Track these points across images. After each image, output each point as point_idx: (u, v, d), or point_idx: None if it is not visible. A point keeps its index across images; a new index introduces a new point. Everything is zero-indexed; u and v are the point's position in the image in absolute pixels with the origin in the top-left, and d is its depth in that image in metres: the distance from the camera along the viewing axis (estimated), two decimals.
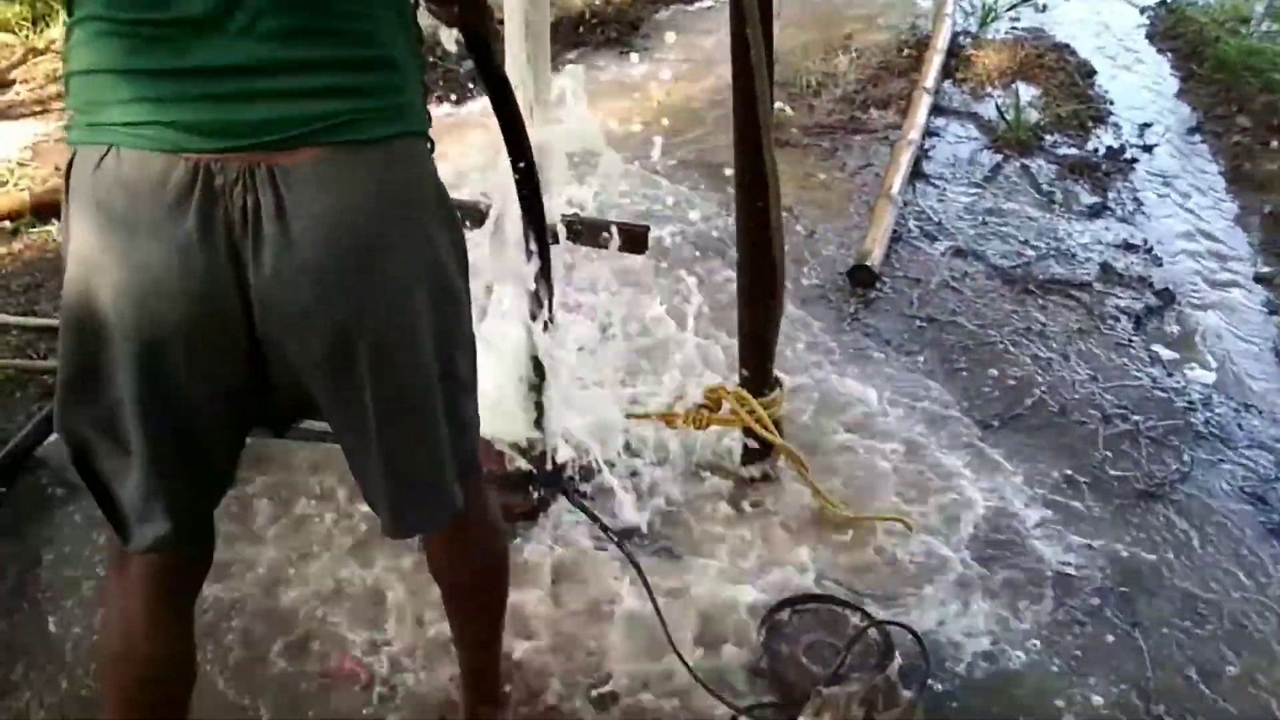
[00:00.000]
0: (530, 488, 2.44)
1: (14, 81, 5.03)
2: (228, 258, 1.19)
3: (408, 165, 1.31)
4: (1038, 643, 2.20)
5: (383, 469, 1.38)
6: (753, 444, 2.57)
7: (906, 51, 5.49)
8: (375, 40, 1.25)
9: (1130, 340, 3.22)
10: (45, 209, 3.81)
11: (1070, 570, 2.38)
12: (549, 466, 2.45)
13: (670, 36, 5.60)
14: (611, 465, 2.50)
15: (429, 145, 1.36)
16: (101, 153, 1.19)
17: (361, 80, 1.25)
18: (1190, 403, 2.95)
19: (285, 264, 1.20)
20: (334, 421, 1.37)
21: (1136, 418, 2.88)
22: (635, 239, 2.39)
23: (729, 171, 2.31)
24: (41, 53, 5.31)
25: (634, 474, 2.58)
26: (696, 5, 6.19)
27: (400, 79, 1.29)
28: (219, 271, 1.19)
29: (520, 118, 1.86)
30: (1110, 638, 2.22)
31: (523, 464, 2.42)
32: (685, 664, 2.05)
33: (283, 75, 1.19)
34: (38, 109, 4.79)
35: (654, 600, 2.17)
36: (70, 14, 1.24)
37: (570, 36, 5.53)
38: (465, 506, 1.49)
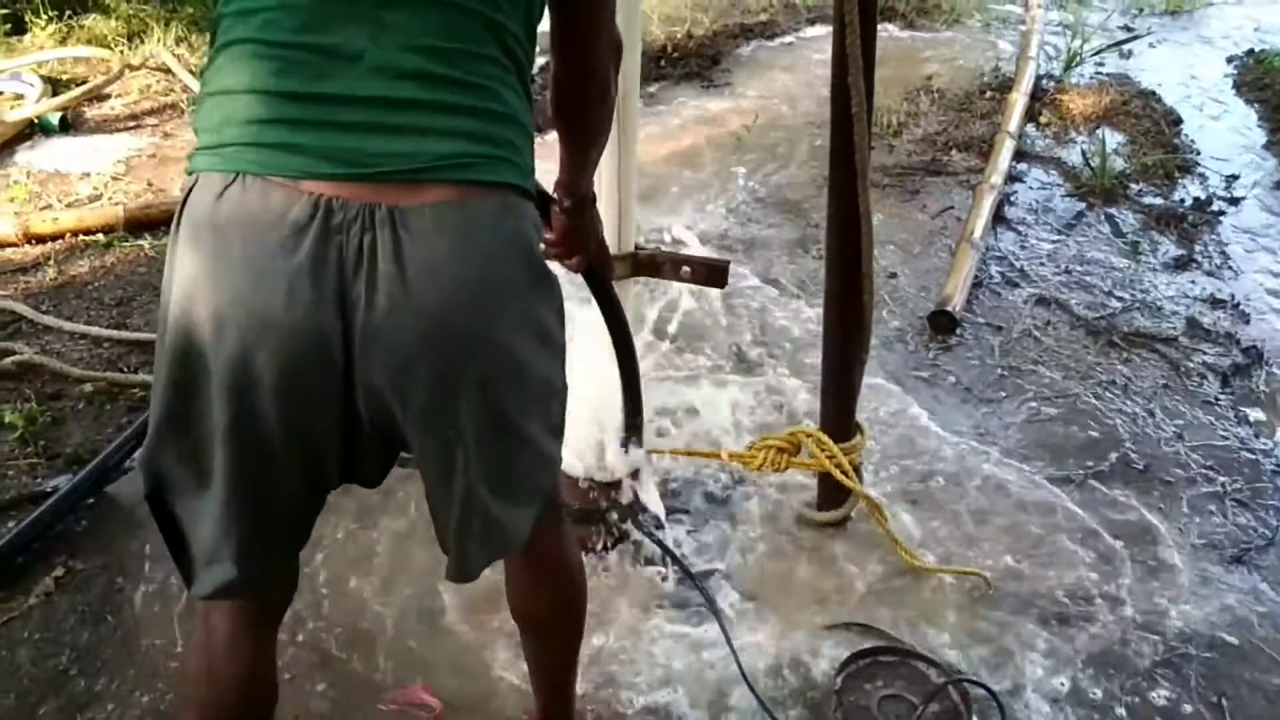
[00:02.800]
0: (607, 523, 2.44)
1: (109, 96, 5.16)
2: (336, 296, 1.19)
3: (519, 216, 1.32)
4: (1120, 709, 2.15)
5: (464, 506, 1.37)
6: (829, 489, 2.55)
7: (989, 93, 5.47)
8: (504, 100, 1.29)
9: (1217, 398, 3.15)
10: (138, 224, 3.91)
11: (1153, 636, 2.32)
12: (626, 502, 2.45)
13: (751, 71, 5.63)
14: (686, 506, 2.50)
15: (534, 207, 1.38)
16: (227, 181, 1.19)
17: (488, 129, 1.27)
18: (1278, 466, 2.88)
19: (399, 306, 1.20)
20: (424, 461, 1.36)
21: (1223, 479, 2.81)
22: (715, 273, 2.39)
23: (809, 209, 2.30)
24: (136, 69, 5.46)
25: (709, 514, 2.57)
26: (778, 41, 6.23)
27: (522, 139, 1.32)
28: (325, 308, 1.19)
29: (628, 329, 1.89)
30: (1189, 708, 2.17)
31: (600, 499, 2.42)
32: (766, 709, 2.04)
33: (415, 112, 1.22)
34: (132, 124, 4.92)
35: (730, 643, 2.16)
36: (214, 40, 1.27)
37: (651, 70, 5.57)
38: (543, 543, 1.49)
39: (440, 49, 1.23)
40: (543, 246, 1.43)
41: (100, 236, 3.85)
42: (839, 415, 2.49)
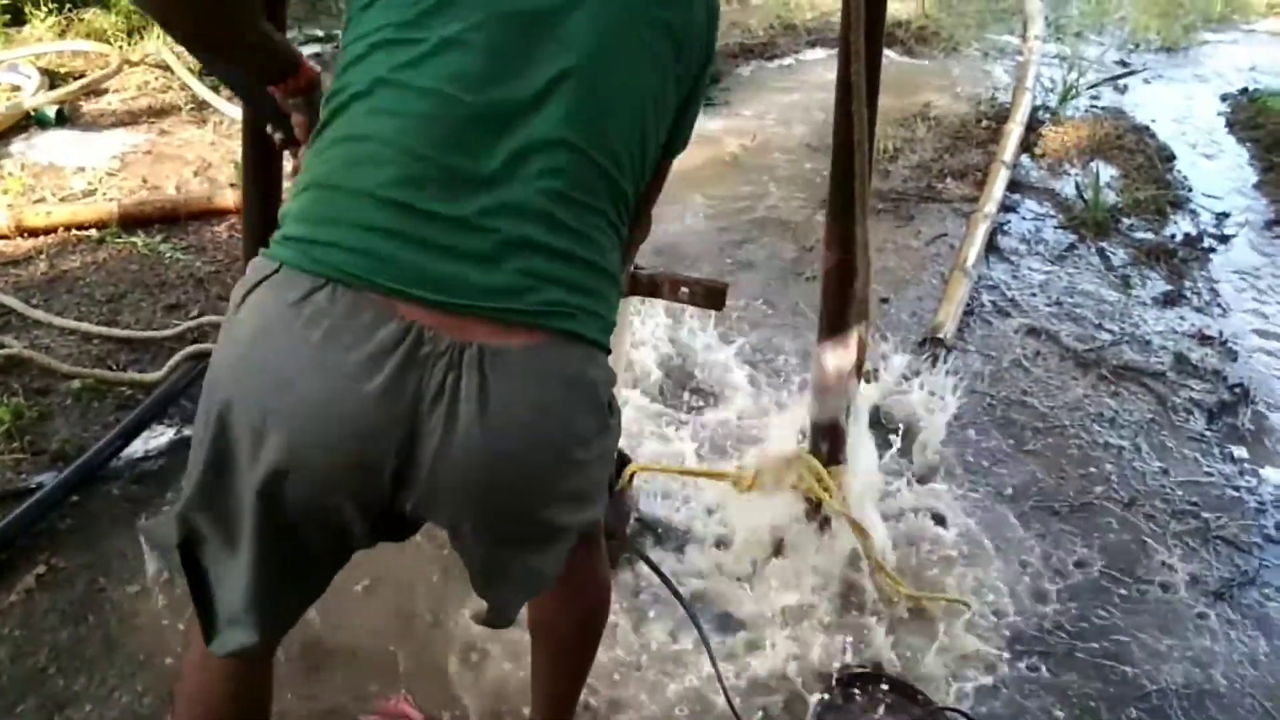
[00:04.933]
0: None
1: (107, 91, 5.15)
2: (406, 424, 1.17)
3: (603, 370, 1.34)
4: None
5: (504, 570, 1.40)
6: (817, 511, 2.55)
7: (985, 123, 5.51)
8: (606, 255, 1.31)
9: (1203, 435, 3.17)
10: (131, 220, 3.90)
11: (1134, 670, 2.33)
12: (618, 523, 2.45)
13: (749, 92, 5.65)
14: (672, 524, 2.50)
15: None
16: (315, 285, 1.17)
17: (588, 281, 1.28)
18: (1262, 504, 2.89)
19: (475, 445, 1.19)
20: (466, 546, 1.37)
21: (1207, 515, 2.83)
22: (713, 295, 2.39)
23: (804, 231, 2.31)
24: (135, 65, 5.45)
25: (695, 533, 2.57)
26: (777, 62, 6.26)
27: (614, 296, 1.34)
28: (390, 435, 1.17)
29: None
30: None
31: None
32: None
33: (528, 253, 1.21)
34: (128, 120, 4.91)
35: (715, 665, 2.15)
36: (329, 130, 1.26)
37: None
38: (576, 559, 1.50)
39: (566, 195, 1.24)
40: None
41: (93, 232, 3.83)
42: (829, 438, 2.50)
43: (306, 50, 5.96)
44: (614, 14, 1.31)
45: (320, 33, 6.12)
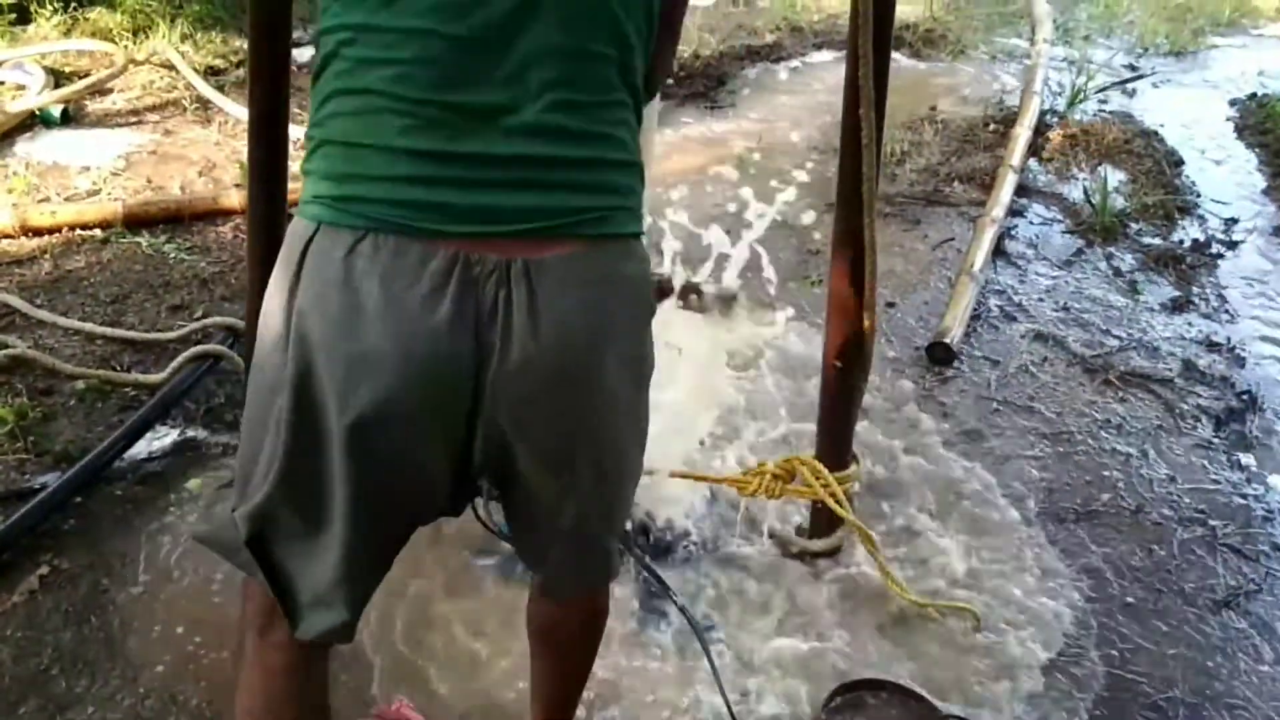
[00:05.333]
0: None
1: (112, 90, 5.16)
2: (474, 345, 1.21)
3: (639, 261, 1.37)
4: None
5: (571, 534, 1.44)
6: (823, 517, 2.54)
7: (992, 126, 5.50)
8: (627, 145, 1.32)
9: (1211, 442, 3.16)
10: (136, 221, 3.90)
11: (1138, 678, 2.31)
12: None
13: (756, 94, 5.65)
14: (675, 531, 2.49)
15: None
16: (356, 237, 1.20)
17: (615, 179, 1.31)
18: (1269, 512, 2.88)
19: (531, 356, 1.23)
20: (533, 497, 1.40)
21: (1214, 523, 2.81)
22: (722, 302, 2.39)
23: (810, 234, 2.31)
24: (140, 64, 5.45)
25: (699, 538, 2.56)
26: (783, 64, 6.25)
27: (639, 182, 1.36)
28: (464, 359, 1.21)
29: None
30: None
31: None
32: None
33: (549, 169, 1.24)
34: (134, 120, 4.92)
35: (716, 673, 2.15)
36: (322, 75, 1.26)
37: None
38: None
39: (577, 103, 1.25)
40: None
41: (98, 232, 3.84)
42: (835, 443, 2.49)
43: (310, 51, 5.96)
44: None
45: None
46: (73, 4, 5.94)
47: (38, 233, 3.79)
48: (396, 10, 1.21)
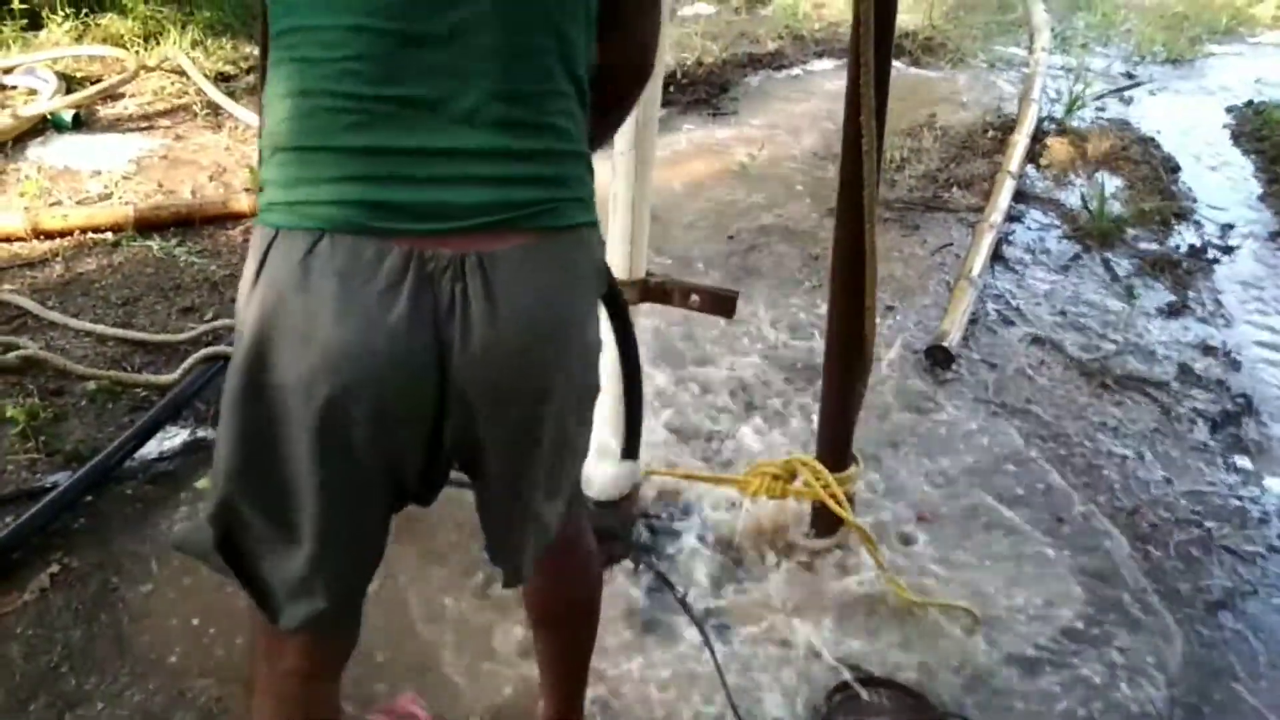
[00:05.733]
0: (603, 544, 2.45)
1: (123, 95, 5.19)
2: (433, 339, 1.23)
3: (589, 249, 1.39)
4: None
5: (523, 516, 1.45)
6: (823, 518, 2.57)
7: (991, 133, 5.54)
8: (573, 136, 1.32)
9: (1207, 445, 3.19)
10: (147, 224, 3.94)
11: (1137, 680, 2.34)
12: (619, 523, 2.47)
13: (758, 101, 5.68)
14: (679, 529, 2.52)
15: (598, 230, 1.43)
16: (312, 239, 1.20)
17: (563, 171, 1.31)
18: (1265, 514, 2.91)
19: (492, 344, 1.25)
20: (493, 478, 1.42)
21: (1210, 525, 2.85)
22: (722, 303, 2.42)
23: (810, 240, 2.34)
24: (151, 70, 5.49)
25: (701, 538, 2.60)
26: (785, 72, 6.29)
27: (588, 171, 1.37)
28: (424, 353, 1.23)
29: (635, 343, 1.88)
30: None
31: (598, 519, 2.44)
32: None
33: (497, 161, 1.24)
34: (144, 125, 4.95)
35: (720, 670, 2.18)
36: (267, 74, 1.27)
37: (660, 96, 5.62)
38: (566, 531, 1.56)
39: (519, 92, 1.25)
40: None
41: (109, 235, 3.87)
42: (835, 445, 2.52)
43: None
44: None
45: None
46: (84, 10, 5.98)
47: (49, 236, 3.82)
48: (335, 9, 1.21)
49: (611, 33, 1.39)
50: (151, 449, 2.79)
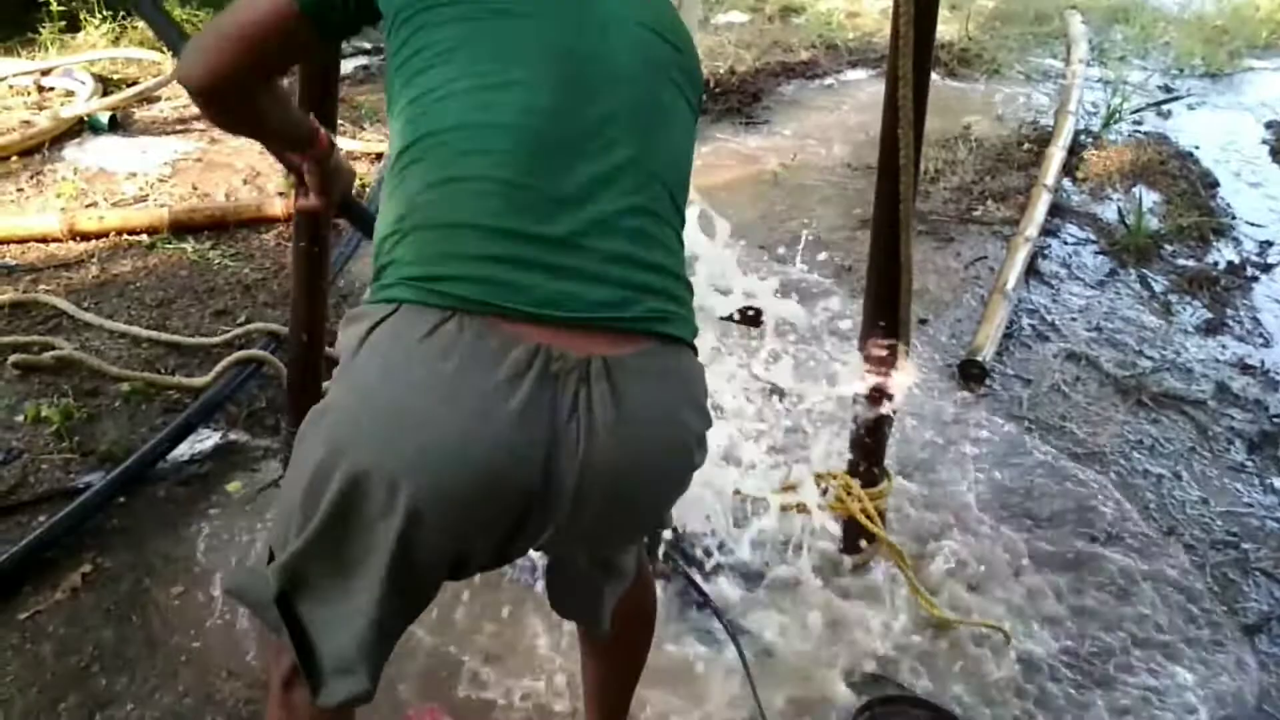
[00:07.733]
0: None
1: (159, 98, 5.24)
2: (546, 438, 1.22)
3: (699, 368, 1.43)
4: None
5: (605, 577, 1.57)
6: (853, 533, 2.55)
7: (1026, 146, 5.50)
8: (681, 260, 1.42)
9: (1244, 465, 3.15)
10: (182, 227, 3.97)
11: (1170, 701, 2.31)
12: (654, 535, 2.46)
13: (790, 111, 5.66)
14: (710, 545, 2.51)
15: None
16: (440, 318, 1.21)
17: (676, 289, 1.38)
18: None
19: (614, 453, 1.26)
20: (579, 560, 1.52)
21: (1246, 546, 2.81)
22: (748, 320, 2.44)
23: (842, 250, 2.33)
24: None
25: (735, 552, 2.58)
26: (818, 82, 6.27)
27: (691, 299, 1.43)
28: (533, 449, 1.21)
29: None
30: None
31: None
32: None
33: (629, 266, 1.30)
34: (180, 128, 4.99)
35: (753, 686, 2.16)
36: (409, 181, 1.31)
37: None
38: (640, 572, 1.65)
39: (649, 210, 1.34)
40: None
41: (144, 237, 3.91)
42: (867, 459, 2.51)
43: (354, 62, 6.03)
44: (649, 56, 1.42)
45: (368, 45, 6.20)
46: (121, 13, 6.04)
47: (85, 237, 3.86)
48: (498, 110, 1.28)
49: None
50: (184, 451, 2.81)
